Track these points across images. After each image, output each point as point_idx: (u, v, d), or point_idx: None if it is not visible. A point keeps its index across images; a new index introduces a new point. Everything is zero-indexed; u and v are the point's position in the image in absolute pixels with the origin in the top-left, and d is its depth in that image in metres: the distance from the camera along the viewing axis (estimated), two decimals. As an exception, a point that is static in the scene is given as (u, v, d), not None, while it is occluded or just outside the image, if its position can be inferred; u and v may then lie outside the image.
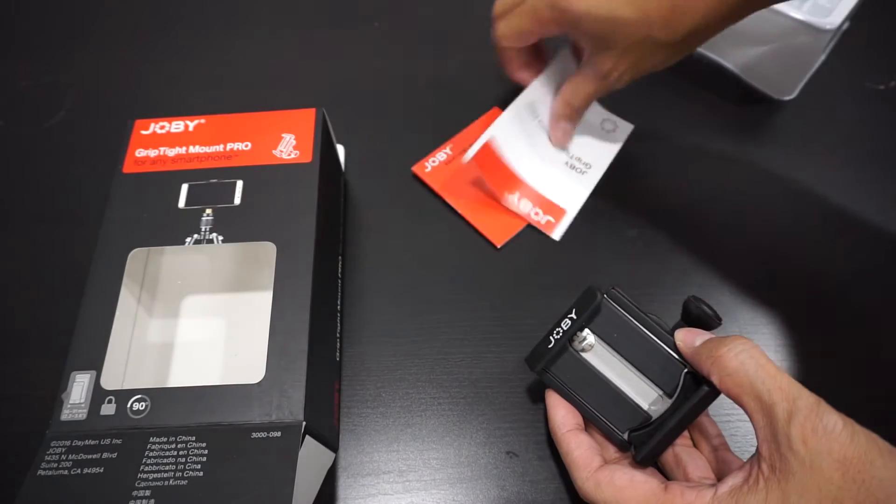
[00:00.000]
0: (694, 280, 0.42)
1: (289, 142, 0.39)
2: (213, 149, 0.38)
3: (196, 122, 0.40)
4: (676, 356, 0.32)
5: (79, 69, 0.53)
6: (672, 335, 0.33)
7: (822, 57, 0.49)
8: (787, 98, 0.49)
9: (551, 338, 0.35)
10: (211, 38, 0.55)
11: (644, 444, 0.32)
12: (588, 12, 0.38)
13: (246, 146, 0.38)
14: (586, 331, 0.34)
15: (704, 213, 0.45)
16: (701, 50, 0.51)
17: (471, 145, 0.43)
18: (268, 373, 0.31)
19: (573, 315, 0.34)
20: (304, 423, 0.29)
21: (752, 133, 0.49)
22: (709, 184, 0.46)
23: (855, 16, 0.46)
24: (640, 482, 0.30)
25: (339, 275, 0.42)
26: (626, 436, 0.33)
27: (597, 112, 0.49)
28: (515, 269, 0.43)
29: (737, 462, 0.32)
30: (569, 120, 0.45)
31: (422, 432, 0.37)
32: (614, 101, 0.50)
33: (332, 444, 0.34)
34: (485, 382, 0.39)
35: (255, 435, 0.29)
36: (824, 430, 0.25)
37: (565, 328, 0.34)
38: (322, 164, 0.38)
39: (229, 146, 0.38)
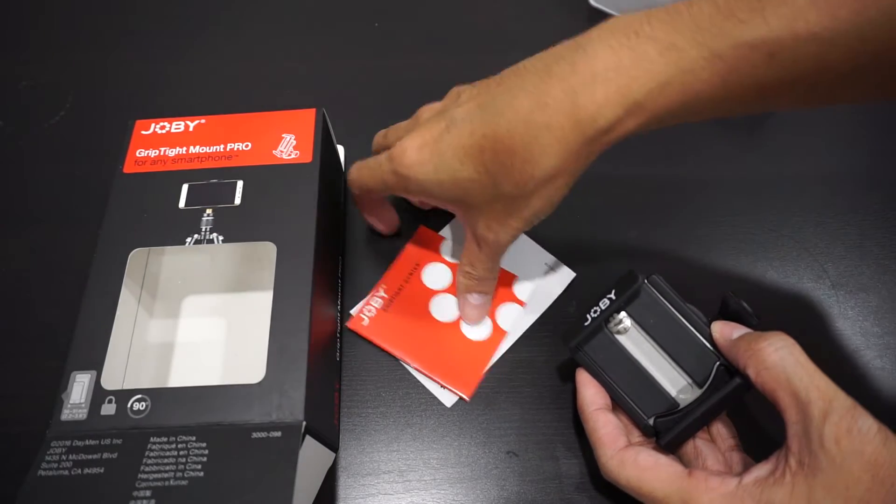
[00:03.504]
0: (693, 279, 0.42)
1: (289, 142, 0.39)
2: (213, 149, 0.38)
3: (196, 122, 0.40)
4: (711, 348, 0.33)
5: (79, 69, 0.53)
6: (709, 327, 0.33)
7: (822, 57, 0.49)
8: (786, 98, 0.49)
9: (588, 316, 0.34)
10: (211, 38, 0.55)
11: (670, 429, 0.32)
12: (429, 180, 0.33)
13: (246, 146, 0.38)
14: (623, 313, 0.34)
15: (703, 212, 0.45)
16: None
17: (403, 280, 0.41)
18: (268, 373, 0.31)
19: (612, 296, 0.34)
20: (304, 423, 0.29)
21: (752, 133, 0.49)
22: (707, 183, 0.46)
23: (855, 16, 0.46)
24: (665, 465, 0.30)
25: (339, 275, 0.42)
26: (651, 421, 0.33)
27: (538, 254, 0.43)
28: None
29: (749, 462, 0.32)
30: (478, 291, 0.38)
31: (422, 432, 0.37)
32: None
33: (332, 444, 0.34)
34: (485, 382, 0.39)
35: (255, 435, 0.29)
36: (858, 432, 0.25)
37: (603, 307, 0.34)
38: (322, 164, 0.38)
39: (229, 146, 0.38)
